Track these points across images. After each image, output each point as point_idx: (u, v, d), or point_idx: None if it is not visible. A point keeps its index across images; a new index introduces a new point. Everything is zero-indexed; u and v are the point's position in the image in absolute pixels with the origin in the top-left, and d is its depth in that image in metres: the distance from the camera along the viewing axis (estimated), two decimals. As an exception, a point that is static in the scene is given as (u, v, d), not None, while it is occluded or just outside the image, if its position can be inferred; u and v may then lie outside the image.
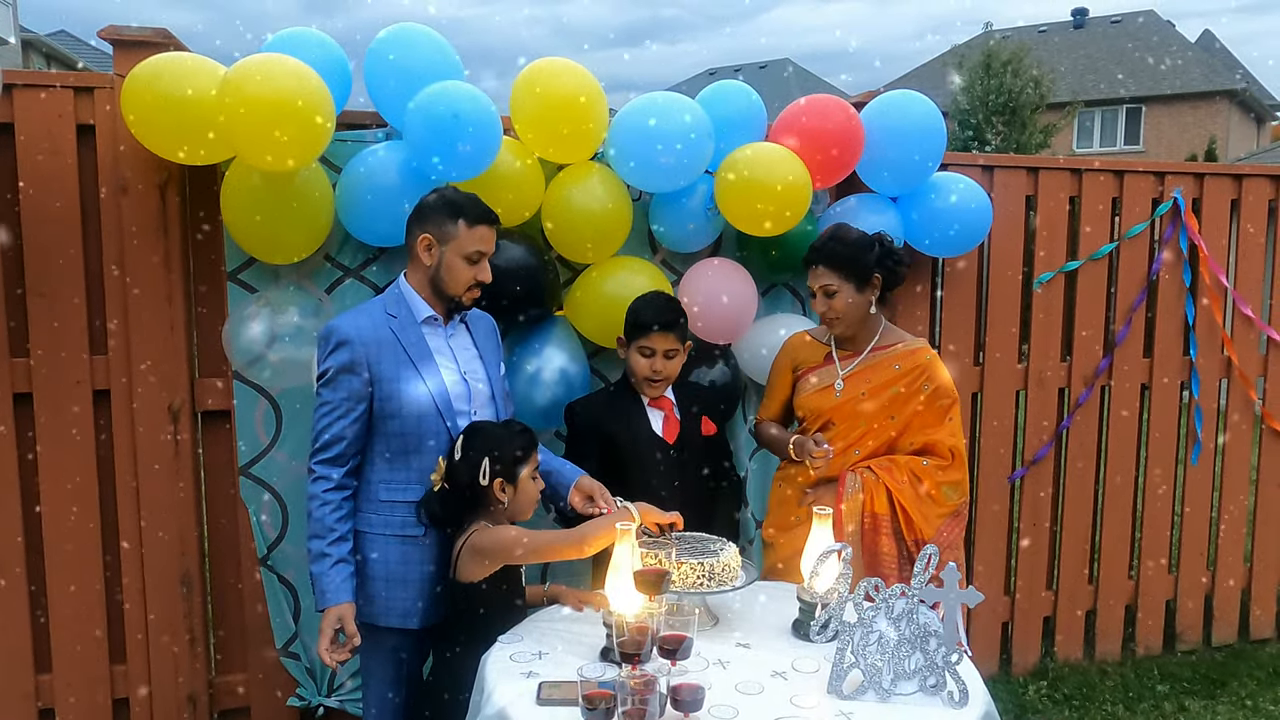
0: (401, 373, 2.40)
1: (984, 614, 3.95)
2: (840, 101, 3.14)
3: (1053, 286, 3.91)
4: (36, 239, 2.80)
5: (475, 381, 2.54)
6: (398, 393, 2.39)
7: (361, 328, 2.39)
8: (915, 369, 2.71)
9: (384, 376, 2.38)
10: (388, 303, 2.48)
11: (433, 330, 2.50)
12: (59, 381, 2.86)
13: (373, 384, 2.38)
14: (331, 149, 2.87)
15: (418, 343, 2.44)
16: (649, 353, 2.76)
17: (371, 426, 2.42)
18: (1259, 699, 3.85)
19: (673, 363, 2.78)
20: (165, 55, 2.62)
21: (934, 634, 1.94)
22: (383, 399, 2.39)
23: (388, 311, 2.45)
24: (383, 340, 2.40)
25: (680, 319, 2.79)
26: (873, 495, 2.65)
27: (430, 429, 2.42)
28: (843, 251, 2.67)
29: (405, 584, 2.43)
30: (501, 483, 2.31)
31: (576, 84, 2.86)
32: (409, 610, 2.44)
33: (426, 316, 2.48)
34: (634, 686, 1.74)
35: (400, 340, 2.41)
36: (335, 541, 2.36)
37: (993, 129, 21.49)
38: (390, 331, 2.41)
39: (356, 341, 2.37)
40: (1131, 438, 4.11)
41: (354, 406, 2.37)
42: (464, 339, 2.58)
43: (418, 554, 2.44)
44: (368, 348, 2.38)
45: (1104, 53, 28.96)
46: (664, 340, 2.75)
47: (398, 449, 2.42)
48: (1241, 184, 4.13)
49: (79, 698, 2.98)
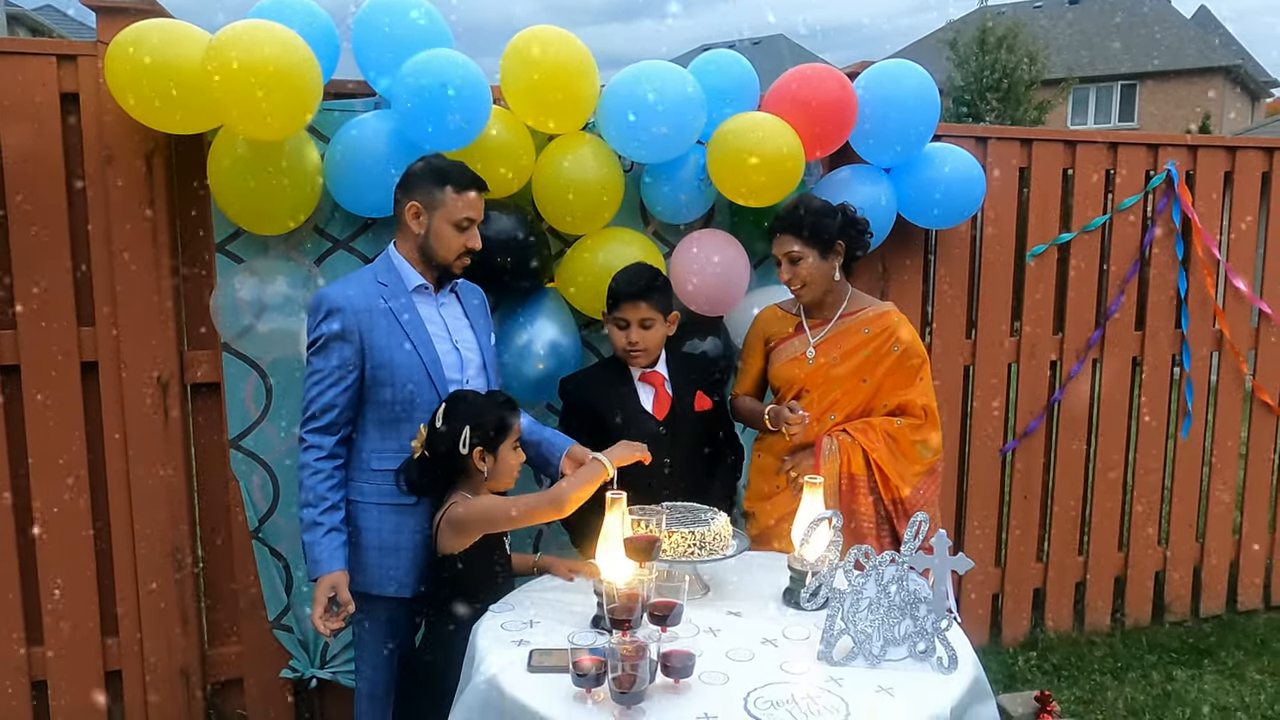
0: (393, 340, 2.39)
1: (975, 585, 3.97)
2: (833, 71, 3.11)
3: (1045, 259, 3.90)
4: (21, 209, 2.76)
5: (467, 350, 2.53)
6: (389, 360, 2.38)
7: (352, 296, 2.38)
8: (883, 331, 2.74)
9: (375, 344, 2.37)
10: (378, 271, 2.46)
11: (423, 299, 2.49)
12: (47, 354, 2.84)
13: (364, 352, 2.37)
14: (319, 119, 2.85)
15: (409, 311, 2.43)
16: (624, 324, 2.73)
17: (363, 395, 2.41)
18: (1245, 668, 3.89)
19: (650, 333, 2.73)
20: (150, 21, 2.58)
21: (923, 600, 1.94)
22: (374, 367, 2.38)
23: (378, 280, 2.44)
24: (374, 309, 2.39)
25: (654, 288, 2.73)
26: (849, 457, 2.68)
27: (422, 397, 2.41)
28: (806, 219, 2.70)
29: (398, 552, 2.43)
30: (481, 452, 2.31)
31: (567, 52, 2.83)
32: (403, 579, 2.44)
33: (417, 285, 2.46)
34: (624, 653, 1.74)
35: (391, 308, 2.40)
36: (327, 510, 2.35)
37: (987, 105, 21.40)
38: (381, 300, 2.40)
39: (347, 310, 2.36)
40: (1123, 411, 4.12)
41: (345, 375, 2.36)
42: (455, 308, 2.58)
43: (411, 522, 2.43)
44: (359, 316, 2.36)
45: (1099, 29, 28.81)
46: (636, 310, 2.70)
47: (389, 418, 2.41)
48: (1235, 156, 4.12)
49: (71, 670, 2.98)
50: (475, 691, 1.90)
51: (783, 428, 2.63)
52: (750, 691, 1.81)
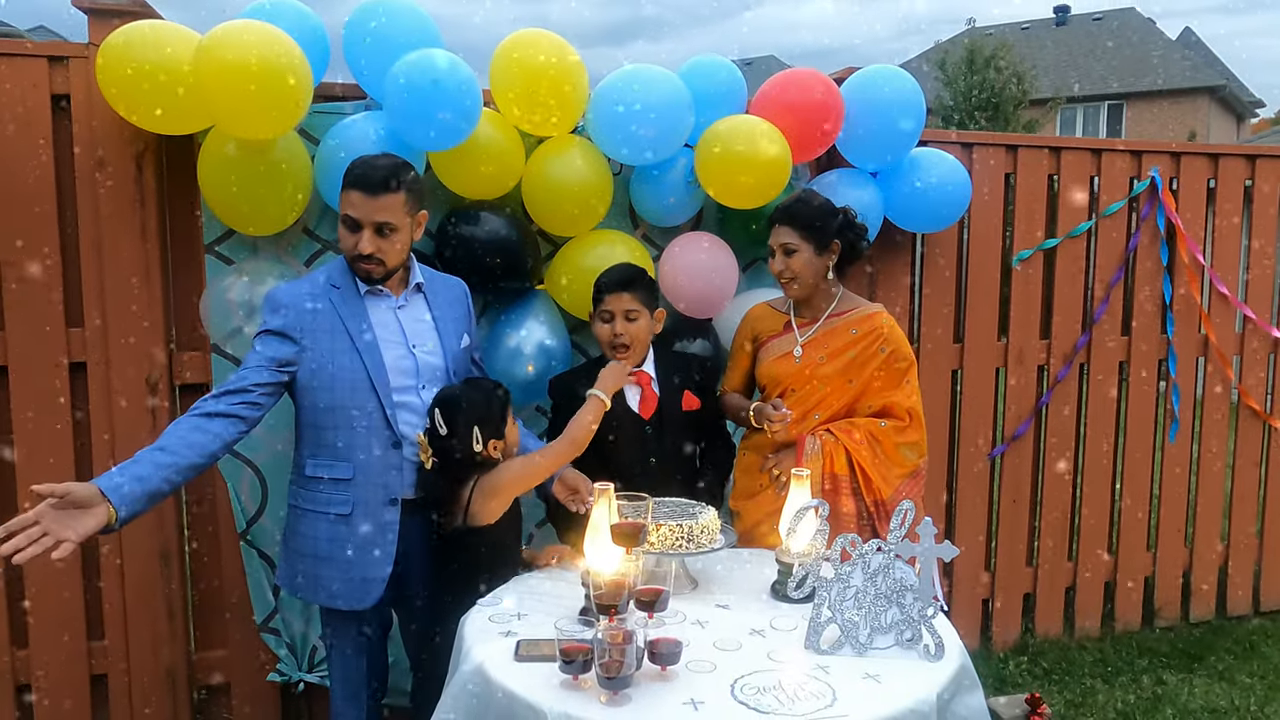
0: (336, 344, 2.33)
1: (965, 590, 3.97)
2: (819, 75, 3.14)
3: (1032, 264, 3.93)
4: (10, 210, 2.77)
5: (426, 355, 2.45)
6: (328, 365, 2.32)
7: (299, 296, 2.35)
8: (871, 332, 2.74)
9: (316, 347, 2.32)
10: (332, 274, 2.41)
11: (378, 302, 2.42)
12: (35, 355, 2.83)
13: (301, 354, 2.32)
14: (310, 121, 2.87)
15: (357, 315, 2.36)
16: (608, 316, 2.73)
17: (300, 401, 2.37)
18: (1235, 672, 3.89)
19: (635, 325, 2.72)
20: (140, 23, 2.60)
21: (909, 588, 1.95)
22: (312, 370, 2.32)
23: (331, 283, 2.39)
24: (319, 310, 2.34)
25: (637, 280, 2.73)
26: (832, 457, 2.68)
27: (361, 405, 2.34)
28: (806, 212, 2.71)
29: (331, 562, 2.37)
30: (495, 443, 2.37)
31: (557, 54, 2.85)
32: (335, 591, 2.39)
33: (369, 289, 2.41)
34: (611, 639, 1.74)
35: (339, 311, 2.35)
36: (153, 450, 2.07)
37: (976, 124, 21.56)
38: (329, 302, 2.35)
39: (291, 309, 2.32)
40: (1110, 416, 4.14)
41: (270, 365, 2.27)
42: (418, 310, 2.48)
43: (346, 534, 2.36)
44: (301, 316, 2.32)
45: (1086, 50, 29.10)
46: (619, 301, 2.70)
47: (326, 423, 2.35)
48: (1218, 163, 4.17)
49: (56, 674, 2.95)
50: (462, 680, 1.89)
51: (765, 425, 2.64)
52: (737, 679, 1.81)
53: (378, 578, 2.39)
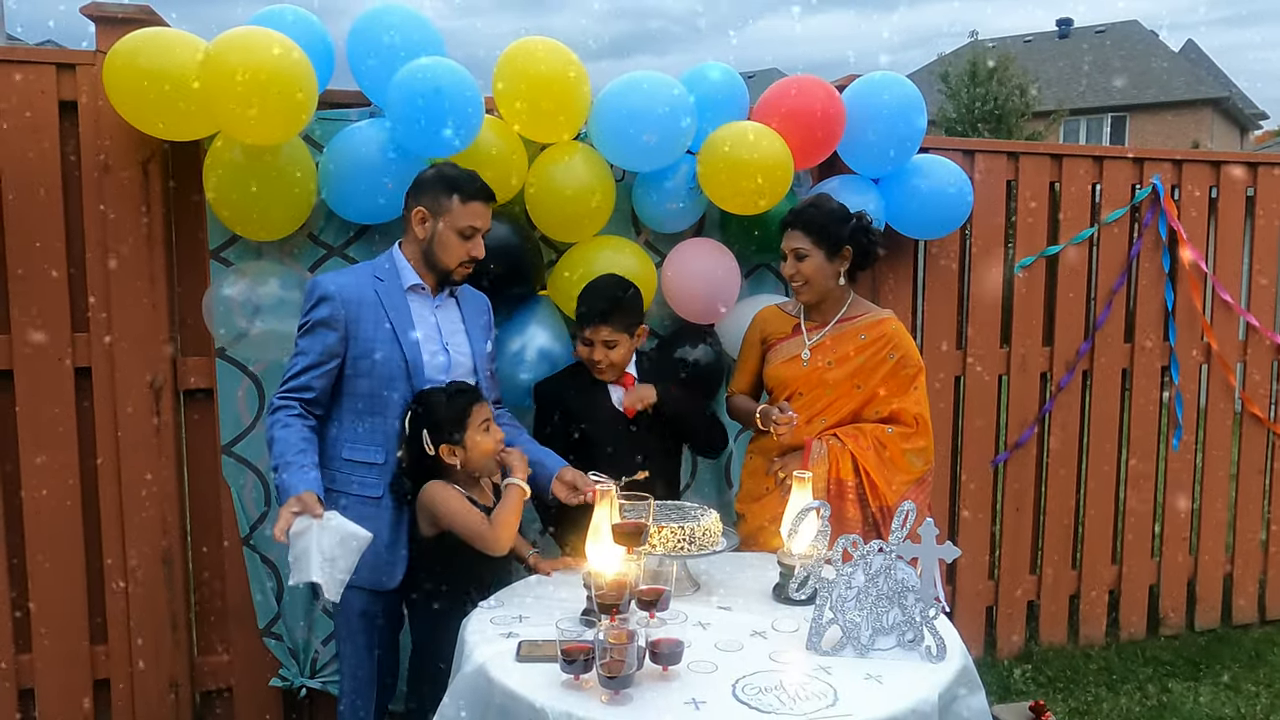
0: (378, 333, 2.42)
1: (968, 598, 3.96)
2: (821, 82, 3.16)
3: (1034, 271, 3.94)
4: (18, 215, 2.79)
5: (458, 354, 2.56)
6: (371, 352, 2.42)
7: (344, 286, 2.43)
8: (881, 338, 2.74)
9: (360, 335, 2.41)
10: (376, 267, 2.52)
11: (418, 299, 2.52)
12: (40, 359, 2.85)
13: (347, 341, 2.41)
14: (314, 127, 2.89)
15: (400, 308, 2.47)
16: (587, 342, 2.78)
17: (340, 386, 2.44)
18: (1241, 681, 3.87)
19: (615, 352, 2.77)
20: (147, 30, 2.63)
21: (911, 589, 1.95)
22: (356, 357, 2.42)
23: (375, 275, 2.49)
24: (364, 300, 2.43)
25: (617, 309, 2.74)
26: (838, 462, 2.68)
27: (399, 393, 2.44)
28: (819, 218, 2.71)
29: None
30: (448, 448, 2.35)
31: (560, 62, 2.88)
32: (374, 570, 2.41)
33: (412, 284, 2.50)
34: (612, 639, 1.74)
35: (383, 302, 2.44)
36: (299, 454, 2.29)
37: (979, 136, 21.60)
38: (374, 293, 2.45)
39: (337, 299, 2.40)
40: (1113, 423, 4.13)
41: (326, 360, 2.40)
42: (451, 312, 2.60)
43: (375, 515, 2.42)
44: (347, 306, 2.41)
45: (1089, 62, 29.17)
46: (598, 333, 2.75)
47: (364, 409, 2.44)
48: (1219, 171, 4.18)
49: (59, 678, 2.96)
50: (464, 680, 1.89)
51: (770, 427, 2.64)
52: (739, 679, 1.81)
53: (400, 556, 2.47)
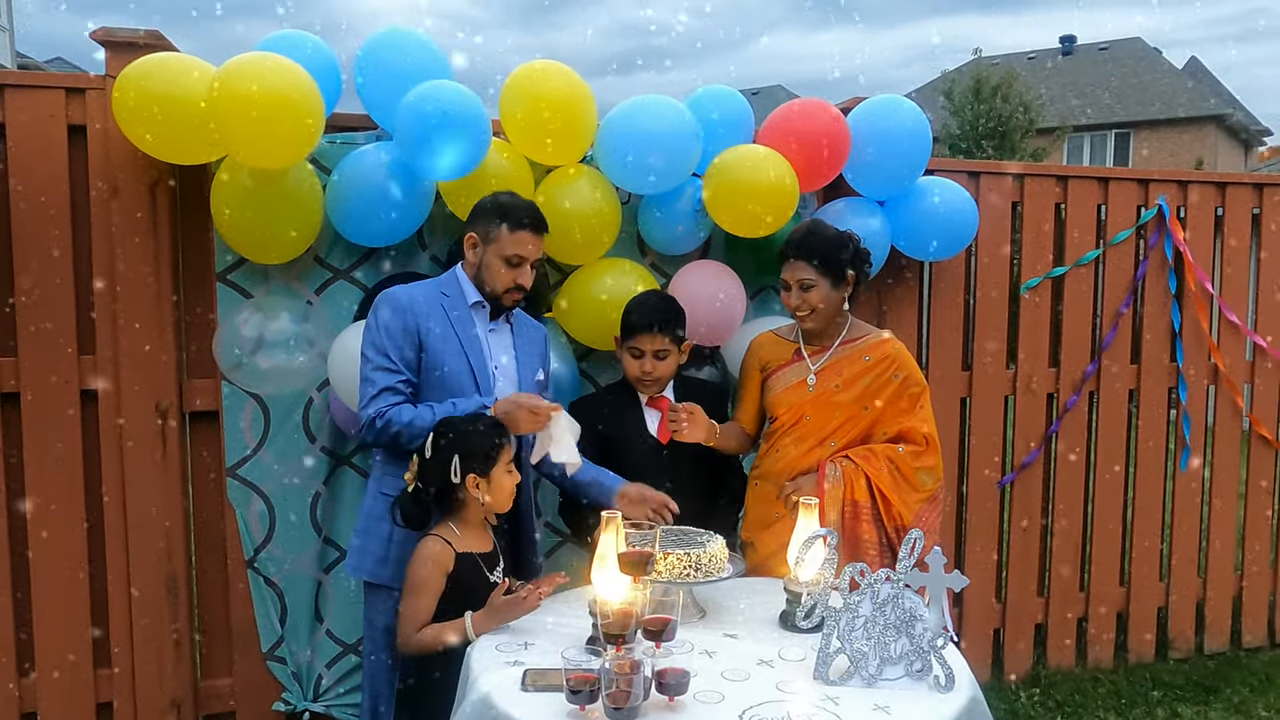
0: (447, 345, 2.51)
1: (975, 620, 3.94)
2: (826, 105, 3.17)
3: (1040, 293, 3.93)
4: (26, 238, 2.80)
5: (503, 377, 2.60)
6: (443, 351, 2.50)
7: (415, 297, 2.52)
8: (884, 359, 2.74)
9: (430, 346, 2.49)
10: (442, 283, 2.60)
11: (477, 316, 2.60)
12: (47, 381, 2.85)
13: (421, 346, 2.49)
14: (321, 150, 2.90)
15: (464, 319, 2.56)
16: (638, 353, 2.79)
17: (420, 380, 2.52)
18: (1252, 705, 3.84)
19: (664, 363, 2.80)
20: (156, 55, 2.65)
21: (919, 618, 1.93)
22: (430, 353, 2.49)
23: (441, 290, 2.57)
24: (433, 310, 2.52)
25: (671, 319, 2.80)
26: (852, 484, 2.67)
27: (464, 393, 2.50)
28: (821, 247, 2.69)
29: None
30: (475, 479, 2.31)
31: (566, 85, 2.89)
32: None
33: (475, 301, 2.58)
34: (618, 669, 1.73)
35: (448, 313, 2.53)
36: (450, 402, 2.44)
37: (982, 153, 21.64)
38: (441, 309, 2.53)
39: (408, 309, 2.48)
40: (1120, 444, 4.12)
41: (401, 369, 2.46)
42: (504, 338, 2.65)
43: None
44: (419, 316, 2.49)
45: (1092, 79, 29.23)
46: (652, 341, 2.77)
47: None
48: (1225, 192, 4.18)
49: (62, 701, 2.94)
50: (468, 710, 1.88)
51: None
52: (745, 710, 1.80)
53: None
